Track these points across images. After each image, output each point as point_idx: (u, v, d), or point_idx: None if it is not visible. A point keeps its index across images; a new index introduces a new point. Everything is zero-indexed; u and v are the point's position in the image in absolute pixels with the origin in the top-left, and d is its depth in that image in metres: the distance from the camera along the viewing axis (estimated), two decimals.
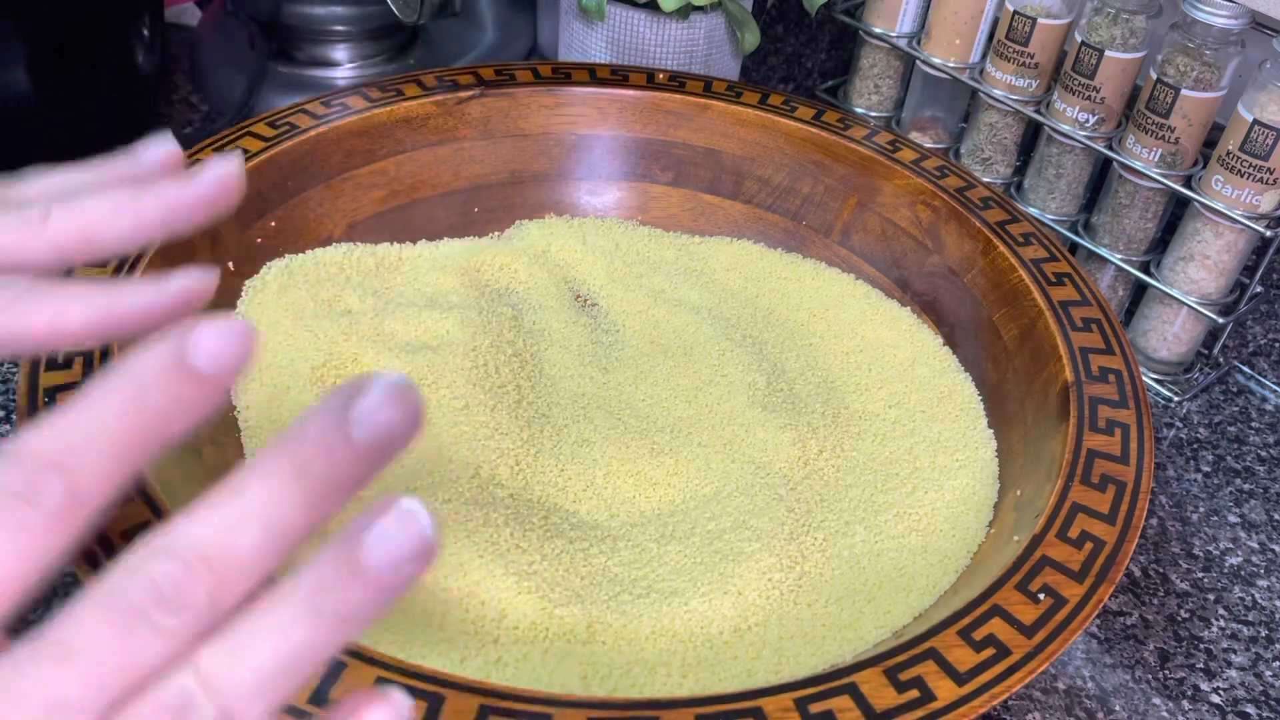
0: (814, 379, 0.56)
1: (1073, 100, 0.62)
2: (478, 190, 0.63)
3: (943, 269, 0.58)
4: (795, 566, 0.45)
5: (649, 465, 0.50)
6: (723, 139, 0.64)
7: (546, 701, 0.34)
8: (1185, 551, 0.54)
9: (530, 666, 0.41)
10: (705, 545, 0.46)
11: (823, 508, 0.49)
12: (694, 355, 0.56)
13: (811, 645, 0.43)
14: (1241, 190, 0.57)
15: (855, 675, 0.36)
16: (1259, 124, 0.55)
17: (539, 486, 0.48)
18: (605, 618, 0.42)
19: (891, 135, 0.63)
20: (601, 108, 0.64)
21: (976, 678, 0.36)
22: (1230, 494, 0.58)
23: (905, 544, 0.47)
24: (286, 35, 0.74)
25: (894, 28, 0.71)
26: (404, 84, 0.61)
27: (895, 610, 0.44)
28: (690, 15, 0.68)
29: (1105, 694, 0.47)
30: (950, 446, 0.52)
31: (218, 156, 0.25)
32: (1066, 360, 0.49)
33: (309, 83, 0.74)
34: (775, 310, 0.60)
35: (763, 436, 0.51)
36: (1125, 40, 0.59)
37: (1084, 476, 0.44)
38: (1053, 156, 0.65)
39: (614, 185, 0.65)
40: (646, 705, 0.34)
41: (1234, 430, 0.62)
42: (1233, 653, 0.49)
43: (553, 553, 0.44)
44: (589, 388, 0.54)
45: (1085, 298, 0.53)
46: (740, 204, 0.64)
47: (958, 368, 0.56)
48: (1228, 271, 0.60)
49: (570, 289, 0.60)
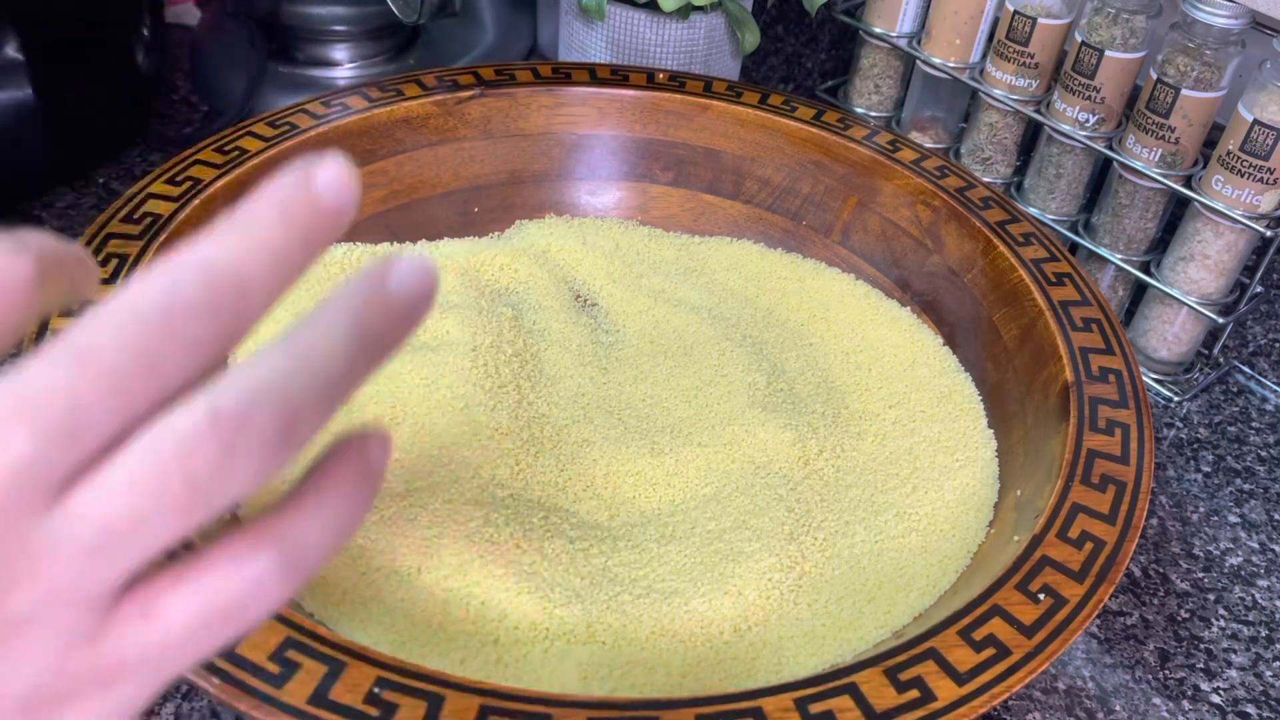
0: (814, 379, 0.56)
1: (1073, 100, 0.62)
2: (478, 190, 0.63)
3: (943, 269, 0.58)
4: (795, 566, 0.45)
5: (649, 465, 0.50)
6: (723, 139, 0.64)
7: (546, 701, 0.34)
8: (1185, 551, 0.54)
9: (530, 666, 0.41)
10: (705, 545, 0.46)
11: (823, 508, 0.49)
12: (694, 355, 0.56)
13: (811, 645, 0.43)
14: (1242, 190, 0.57)
15: (855, 675, 0.36)
16: (1259, 124, 0.55)
17: (539, 486, 0.48)
18: (605, 618, 0.42)
19: (892, 135, 0.63)
20: (601, 108, 0.64)
21: (977, 678, 0.36)
22: (1230, 494, 0.57)
23: (905, 544, 0.47)
24: (286, 35, 0.74)
25: (894, 28, 0.71)
26: (404, 84, 0.61)
27: (895, 610, 0.44)
28: (690, 15, 0.67)
29: (1105, 694, 0.47)
30: (950, 446, 0.52)
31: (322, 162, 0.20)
32: (1067, 360, 0.49)
33: (309, 83, 0.74)
34: (775, 310, 0.60)
35: (763, 436, 0.51)
36: (1125, 40, 0.59)
37: (1084, 476, 0.44)
38: (1053, 156, 0.65)
39: (614, 185, 0.65)
40: (646, 705, 0.34)
41: (1234, 430, 0.61)
42: (1233, 653, 0.49)
43: (553, 553, 0.44)
44: (589, 388, 0.54)
45: (1085, 298, 0.53)
46: (740, 204, 0.64)
47: (958, 368, 0.56)
48: (1228, 271, 0.60)
49: (570, 289, 0.60)
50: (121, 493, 0.18)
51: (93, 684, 0.18)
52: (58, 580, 0.18)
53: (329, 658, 0.34)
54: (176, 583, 0.19)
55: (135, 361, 0.18)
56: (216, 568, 0.19)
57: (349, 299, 0.20)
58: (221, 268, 0.18)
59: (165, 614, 0.19)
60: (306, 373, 0.19)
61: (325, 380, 0.19)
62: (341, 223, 0.20)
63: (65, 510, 0.18)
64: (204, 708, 0.43)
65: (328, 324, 0.19)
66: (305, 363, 0.19)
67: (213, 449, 0.18)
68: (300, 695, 0.33)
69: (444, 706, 0.33)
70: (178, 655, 0.19)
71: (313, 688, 0.33)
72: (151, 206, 0.51)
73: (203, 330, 0.18)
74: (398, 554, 0.43)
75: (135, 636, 0.19)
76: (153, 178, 0.53)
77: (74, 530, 0.18)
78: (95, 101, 0.66)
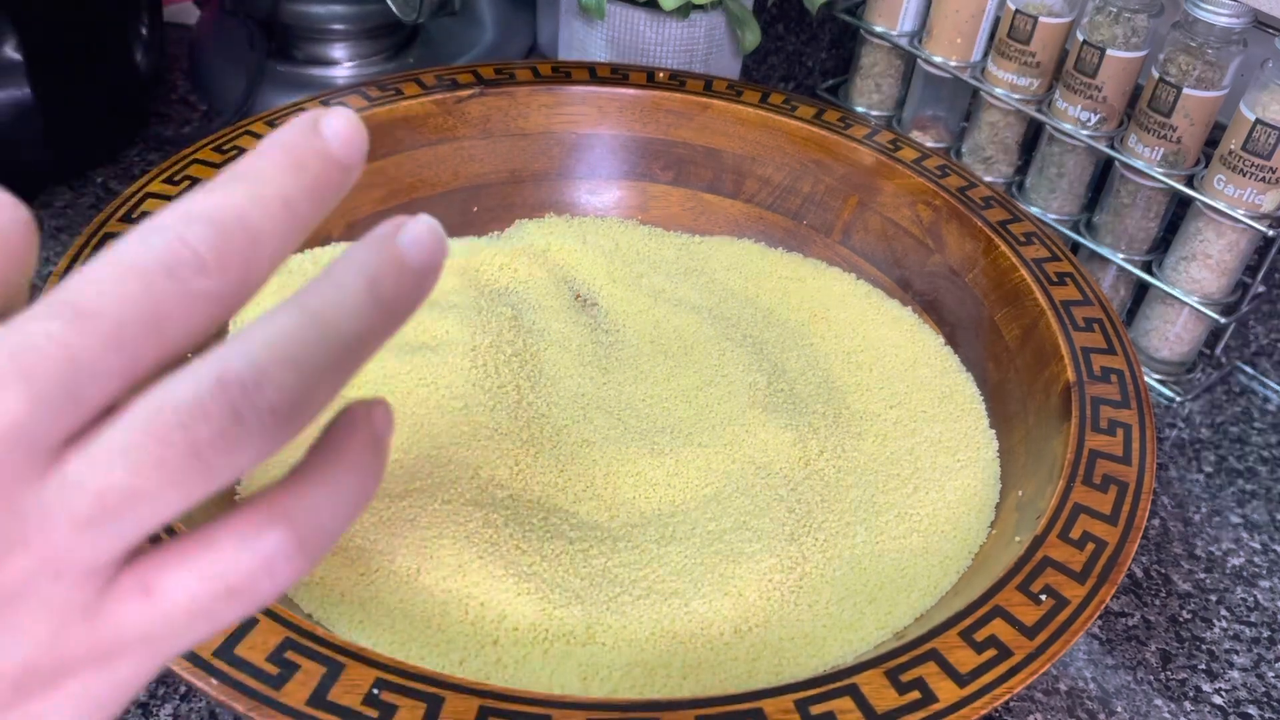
0: (815, 379, 0.56)
1: (1074, 99, 0.62)
2: (477, 190, 0.63)
3: (944, 268, 0.58)
4: (796, 567, 0.45)
5: (649, 466, 0.49)
6: (723, 138, 0.64)
7: (546, 702, 0.34)
8: (1187, 552, 0.54)
9: (530, 667, 0.40)
10: (705, 546, 0.46)
11: (823, 508, 0.49)
12: (694, 355, 0.56)
13: (812, 646, 0.43)
14: (1244, 190, 0.56)
15: (856, 676, 0.36)
16: (1261, 123, 0.55)
17: (539, 487, 0.48)
18: (605, 619, 0.42)
19: (892, 134, 0.62)
20: (601, 107, 0.64)
21: (978, 679, 0.36)
22: (1232, 494, 0.57)
23: (906, 544, 0.47)
24: (286, 34, 0.74)
25: (895, 26, 0.71)
26: (403, 83, 0.61)
27: (896, 611, 0.44)
28: (690, 14, 0.67)
29: (1107, 695, 0.47)
30: (951, 447, 0.51)
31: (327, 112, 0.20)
32: (1068, 360, 0.49)
33: (308, 81, 0.74)
34: (776, 310, 0.60)
35: (763, 437, 0.51)
36: (1127, 39, 0.59)
37: (1086, 477, 0.43)
38: (1054, 156, 0.65)
39: (614, 185, 0.65)
40: (646, 706, 0.34)
41: (1236, 430, 0.61)
42: (1235, 654, 0.49)
43: (553, 553, 0.44)
44: (589, 388, 0.54)
45: (1087, 297, 0.53)
46: (741, 203, 0.64)
47: (959, 368, 0.56)
48: (1230, 271, 0.60)
49: (570, 289, 0.60)
50: (121, 460, 0.16)
51: (88, 662, 0.18)
52: (52, 551, 0.17)
53: (328, 659, 0.34)
54: (181, 559, 0.18)
55: (138, 318, 0.17)
56: (224, 545, 0.18)
57: (363, 258, 0.18)
58: (230, 217, 0.17)
59: (168, 591, 0.18)
60: (321, 335, 0.17)
61: (342, 344, 0.18)
62: (352, 174, 0.19)
63: (61, 477, 0.16)
64: (203, 708, 0.43)
65: (342, 284, 0.18)
66: (320, 325, 0.18)
67: (220, 417, 0.17)
68: (299, 696, 0.33)
69: (443, 708, 0.33)
70: (179, 635, 0.18)
71: (311, 689, 0.33)
72: (150, 206, 0.51)
73: (211, 285, 0.17)
74: (397, 555, 0.43)
75: (134, 613, 0.18)
76: (151, 177, 0.53)
77: (70, 499, 0.16)
78: (94, 101, 0.66)
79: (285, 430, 0.17)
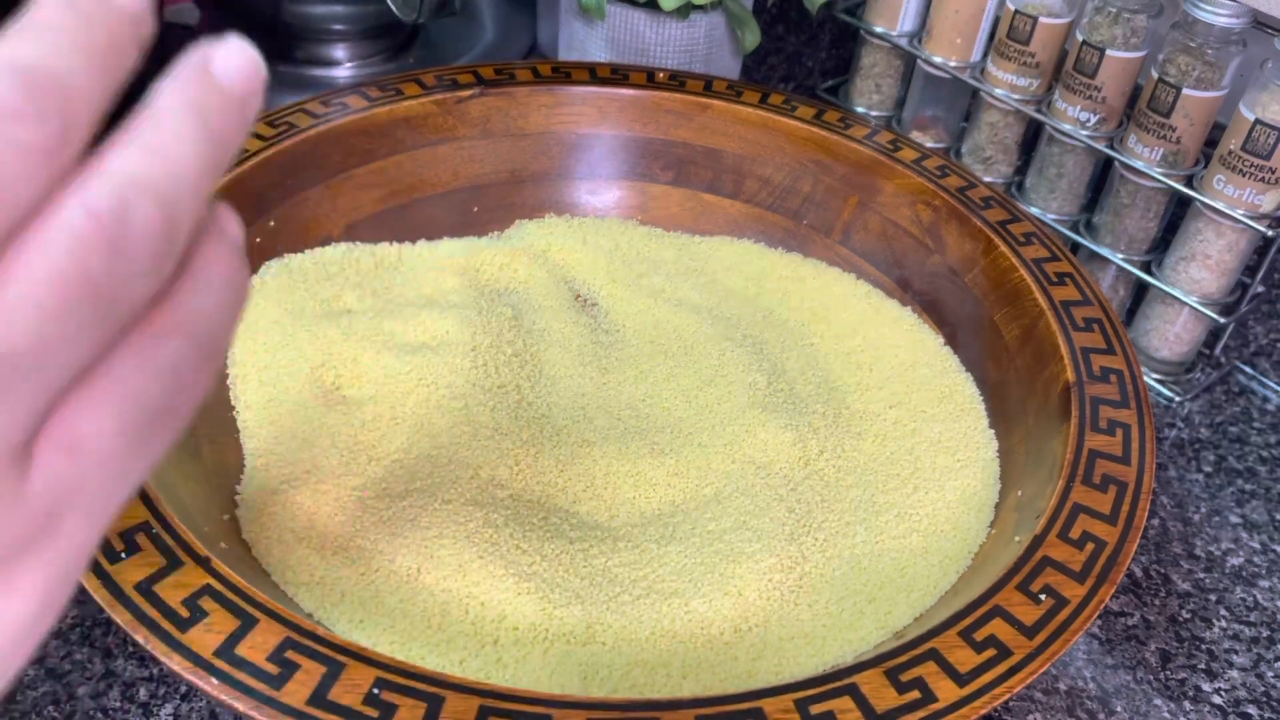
0: (814, 379, 0.56)
1: (1074, 99, 0.62)
2: (477, 190, 0.63)
3: (944, 269, 0.58)
4: (796, 567, 0.45)
5: (649, 466, 0.49)
6: (723, 138, 0.64)
7: (546, 702, 0.34)
8: (1187, 552, 0.54)
9: (530, 667, 0.40)
10: (705, 546, 0.46)
11: (823, 508, 0.49)
12: (694, 355, 0.56)
13: (812, 646, 0.43)
14: (1243, 190, 0.56)
15: (856, 676, 0.36)
16: (1260, 123, 0.55)
17: (539, 487, 0.48)
18: (605, 618, 0.42)
19: (892, 134, 0.62)
20: (601, 107, 0.64)
21: (978, 678, 0.36)
22: (1232, 494, 0.57)
23: (906, 544, 0.47)
24: (286, 34, 0.74)
25: (895, 27, 0.71)
26: (403, 83, 0.61)
27: (896, 611, 0.44)
28: (690, 14, 0.67)
29: (1107, 695, 0.47)
30: (951, 447, 0.51)
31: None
32: (1068, 360, 0.49)
33: (308, 81, 0.74)
34: (775, 310, 0.60)
35: (763, 437, 0.51)
36: (1126, 39, 0.59)
37: (1085, 477, 0.43)
38: (1054, 156, 0.65)
39: (614, 185, 0.65)
40: (646, 706, 0.34)
41: (1235, 430, 0.61)
42: (1234, 653, 0.49)
43: (553, 553, 0.44)
44: (589, 388, 0.54)
45: (1086, 297, 0.53)
46: (741, 203, 0.64)
47: (959, 368, 0.56)
48: (1229, 271, 0.60)
49: (570, 289, 0.60)
50: (19, 312, 0.15)
51: (33, 538, 0.16)
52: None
53: (328, 658, 0.34)
54: (84, 401, 0.16)
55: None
56: (119, 372, 0.17)
57: (181, 93, 0.18)
58: (35, 67, 0.16)
59: (86, 437, 0.16)
60: (168, 167, 0.17)
61: (186, 174, 0.17)
62: (141, 27, 0.18)
63: None
64: (203, 708, 0.43)
65: (170, 119, 0.17)
66: (163, 158, 0.17)
67: (102, 247, 0.15)
68: (299, 696, 0.33)
69: (443, 707, 0.33)
70: (116, 476, 0.17)
71: (312, 688, 0.33)
72: None
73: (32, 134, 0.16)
74: (397, 555, 0.43)
75: (61, 471, 0.16)
76: None
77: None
78: None
79: (163, 257, 0.17)
